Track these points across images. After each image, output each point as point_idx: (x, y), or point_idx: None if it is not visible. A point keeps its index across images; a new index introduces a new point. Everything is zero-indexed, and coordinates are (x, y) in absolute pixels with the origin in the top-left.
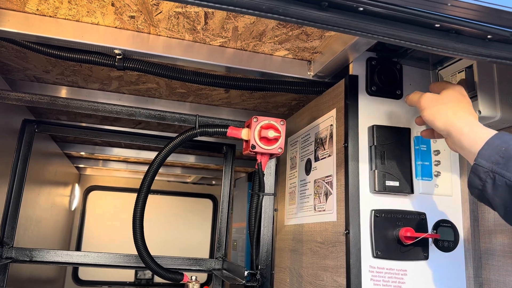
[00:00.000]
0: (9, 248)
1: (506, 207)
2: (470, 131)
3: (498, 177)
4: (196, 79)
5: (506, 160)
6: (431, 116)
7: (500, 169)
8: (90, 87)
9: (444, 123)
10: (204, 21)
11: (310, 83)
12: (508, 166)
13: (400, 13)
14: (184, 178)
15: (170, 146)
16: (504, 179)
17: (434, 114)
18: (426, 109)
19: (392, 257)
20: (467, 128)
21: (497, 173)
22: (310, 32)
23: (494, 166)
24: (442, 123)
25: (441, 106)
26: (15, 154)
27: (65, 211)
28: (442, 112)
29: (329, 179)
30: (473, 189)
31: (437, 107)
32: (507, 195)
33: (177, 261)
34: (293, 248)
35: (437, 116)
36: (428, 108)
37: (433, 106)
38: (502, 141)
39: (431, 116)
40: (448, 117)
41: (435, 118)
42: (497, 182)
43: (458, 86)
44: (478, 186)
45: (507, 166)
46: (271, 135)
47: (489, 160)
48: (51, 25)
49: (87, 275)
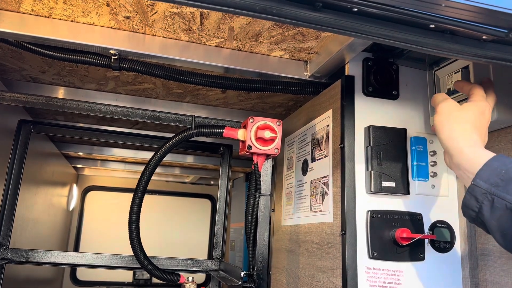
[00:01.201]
0: (4, 249)
1: (503, 231)
2: (470, 151)
3: (497, 200)
4: (192, 79)
5: (506, 182)
6: (439, 124)
7: (499, 191)
8: (86, 87)
9: (447, 137)
10: (199, 21)
11: (306, 83)
12: (508, 189)
13: (395, 14)
14: (182, 178)
15: (166, 146)
16: (504, 202)
17: (443, 123)
18: (440, 115)
19: (388, 258)
20: (468, 148)
21: (496, 195)
22: (306, 33)
23: (493, 188)
24: (446, 136)
25: (454, 119)
26: (11, 155)
27: (63, 212)
28: (451, 126)
29: (326, 180)
30: (468, 210)
31: (449, 119)
32: (506, 219)
33: (174, 261)
34: (290, 249)
35: (445, 127)
36: (441, 115)
37: (447, 115)
38: (501, 163)
39: (439, 124)
40: (454, 133)
41: (442, 128)
42: (496, 204)
43: (483, 102)
44: (473, 208)
45: (507, 188)
46: (267, 135)
47: (488, 181)
48: (46, 26)
49: (85, 275)
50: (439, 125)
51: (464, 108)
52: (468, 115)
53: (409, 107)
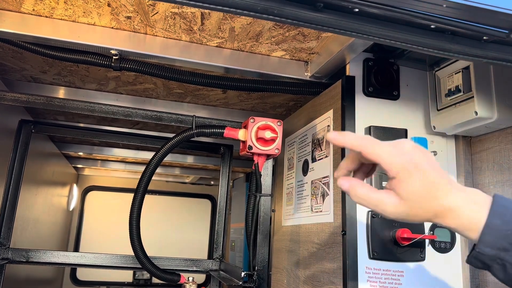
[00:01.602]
0: (5, 249)
1: None
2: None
3: (509, 266)
4: (193, 79)
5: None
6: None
7: (510, 257)
8: (87, 87)
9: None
10: (200, 21)
11: (307, 83)
12: None
13: (395, 14)
14: (182, 178)
15: (166, 147)
16: None
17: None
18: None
19: (389, 258)
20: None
21: (507, 262)
22: (307, 33)
23: (502, 253)
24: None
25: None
26: (12, 155)
27: (63, 212)
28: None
29: (326, 180)
30: (474, 266)
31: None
32: None
33: (174, 262)
34: (290, 249)
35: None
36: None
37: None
38: (503, 222)
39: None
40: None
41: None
42: (509, 270)
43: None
44: (481, 267)
45: None
46: (268, 136)
47: (495, 247)
48: (48, 26)
49: (85, 275)
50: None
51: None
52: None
53: (410, 107)
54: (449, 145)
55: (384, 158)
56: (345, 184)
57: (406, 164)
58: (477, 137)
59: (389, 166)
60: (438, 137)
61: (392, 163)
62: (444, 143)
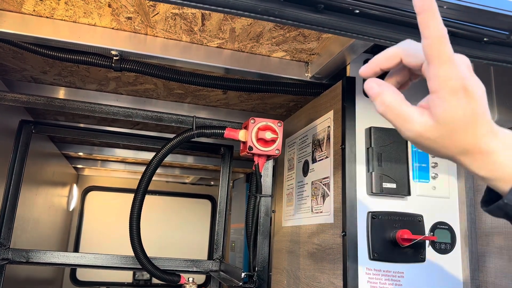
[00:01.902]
0: (5, 249)
1: None
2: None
3: None
4: (193, 80)
5: None
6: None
7: None
8: (87, 87)
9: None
10: (201, 22)
11: (307, 84)
12: None
13: (396, 16)
14: (182, 178)
15: (167, 147)
16: None
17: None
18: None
19: (389, 259)
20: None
21: None
22: (307, 34)
23: None
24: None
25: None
26: (12, 155)
27: (63, 212)
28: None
29: (327, 181)
30: (494, 215)
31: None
32: None
33: (174, 262)
34: (291, 250)
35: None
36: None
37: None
38: None
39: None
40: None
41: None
42: None
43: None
44: (502, 217)
45: None
46: (268, 136)
47: None
48: (48, 26)
49: (85, 276)
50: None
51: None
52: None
53: None
54: None
55: (434, 61)
56: (375, 87)
57: (456, 81)
58: None
59: (435, 74)
60: None
61: (440, 74)
62: None
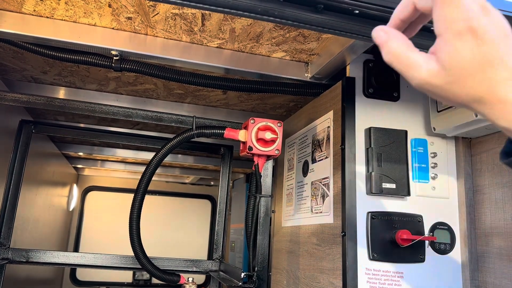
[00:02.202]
0: (5, 249)
1: None
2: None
3: None
4: (193, 80)
5: None
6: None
7: None
8: (87, 87)
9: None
10: (201, 22)
11: (307, 84)
12: None
13: None
14: (182, 178)
15: (167, 147)
16: None
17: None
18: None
19: (389, 260)
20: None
21: None
22: (307, 34)
23: None
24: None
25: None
26: (12, 155)
27: (63, 212)
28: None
29: (326, 181)
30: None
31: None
32: None
33: (174, 262)
34: (290, 250)
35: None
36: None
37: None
38: None
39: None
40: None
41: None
42: None
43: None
44: None
45: None
46: (268, 136)
47: None
48: (48, 26)
49: (85, 275)
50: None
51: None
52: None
53: (410, 108)
54: (449, 147)
55: (438, 2)
56: (382, 35)
57: (462, 22)
58: (477, 139)
59: (439, 15)
60: (438, 138)
61: (442, 14)
62: (444, 145)
